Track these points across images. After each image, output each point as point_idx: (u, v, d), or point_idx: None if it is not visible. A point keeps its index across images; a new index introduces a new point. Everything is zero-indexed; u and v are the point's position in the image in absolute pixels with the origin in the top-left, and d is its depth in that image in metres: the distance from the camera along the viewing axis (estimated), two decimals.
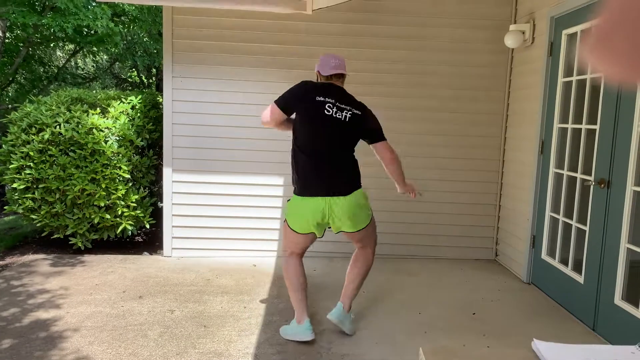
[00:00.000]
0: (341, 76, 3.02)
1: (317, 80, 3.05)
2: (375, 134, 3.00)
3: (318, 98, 2.84)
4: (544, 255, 4.04)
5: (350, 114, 2.87)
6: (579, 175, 3.58)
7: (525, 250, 4.28)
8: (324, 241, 4.80)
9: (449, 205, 4.83)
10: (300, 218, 2.98)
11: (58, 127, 4.57)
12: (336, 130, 2.85)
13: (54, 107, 4.70)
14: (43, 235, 4.85)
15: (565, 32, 3.76)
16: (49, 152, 4.55)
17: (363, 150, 3.14)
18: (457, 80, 4.70)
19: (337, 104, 2.86)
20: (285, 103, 2.90)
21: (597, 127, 3.34)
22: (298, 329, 3.04)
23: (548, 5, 3.96)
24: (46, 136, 4.50)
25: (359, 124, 2.90)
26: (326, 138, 2.87)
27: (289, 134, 3.11)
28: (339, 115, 2.83)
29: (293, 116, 3.01)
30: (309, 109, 2.84)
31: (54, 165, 4.55)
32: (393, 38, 4.63)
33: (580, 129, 3.58)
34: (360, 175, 3.02)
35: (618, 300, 3.09)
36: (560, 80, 3.82)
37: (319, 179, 2.90)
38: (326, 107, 2.83)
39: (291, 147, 3.04)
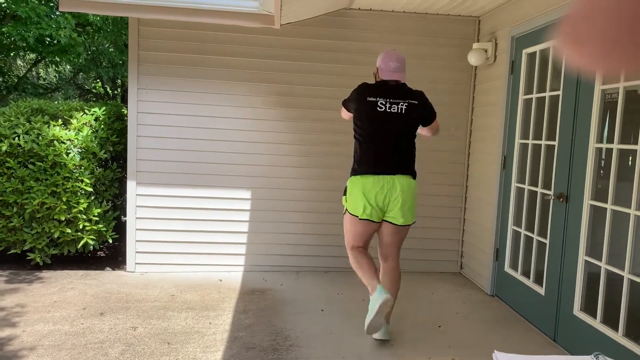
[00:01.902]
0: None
1: (376, 74, 3.28)
2: (429, 118, 3.26)
3: (369, 98, 3.08)
4: (507, 268, 4.12)
5: (406, 105, 3.09)
6: (539, 190, 3.69)
7: (489, 263, 4.37)
8: (290, 255, 4.80)
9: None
10: (361, 197, 3.05)
11: (17, 138, 4.43)
12: (391, 122, 3.07)
13: (12, 118, 4.56)
14: None
15: (525, 51, 3.90)
16: (7, 164, 4.40)
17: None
18: None
19: (390, 99, 3.08)
20: (346, 106, 3.27)
21: (555, 143, 3.45)
22: (374, 298, 2.94)
23: (509, 25, 4.10)
24: (4, 148, 4.36)
25: (416, 113, 3.12)
26: (383, 131, 3.07)
27: (258, 149, 3.19)
28: (393, 109, 3.06)
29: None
30: (361, 109, 3.10)
31: (12, 178, 4.40)
32: (359, 53, 4.70)
33: (540, 144, 3.69)
34: (414, 165, 3.20)
35: (577, 311, 3.17)
36: (521, 97, 3.94)
37: (381, 163, 3.07)
38: (378, 104, 3.06)
39: (353, 135, 3.25)
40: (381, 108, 3.04)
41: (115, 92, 13.46)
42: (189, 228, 4.69)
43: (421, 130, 3.35)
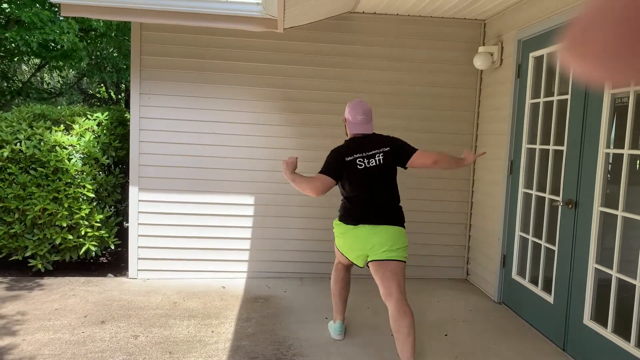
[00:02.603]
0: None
1: (344, 124, 3.27)
2: (406, 155, 3.12)
3: (347, 159, 3.06)
4: (514, 275, 4.05)
5: (381, 154, 3.08)
6: (547, 196, 3.62)
7: (495, 269, 4.30)
8: (293, 261, 4.75)
9: (419, 224, 4.82)
10: (342, 243, 3.14)
11: (19, 144, 4.40)
12: (372, 176, 3.06)
13: (14, 124, 4.53)
14: (0, 257, 4.62)
15: (532, 54, 3.84)
16: (8, 170, 4.37)
17: None
18: (427, 101, 4.74)
19: (365, 153, 3.07)
20: (335, 173, 3.07)
21: (564, 148, 3.39)
22: (331, 327, 3.51)
23: (516, 28, 4.04)
24: (5, 153, 4.33)
25: (391, 158, 3.10)
26: (366, 186, 3.07)
27: (261, 154, 3.08)
28: (372, 162, 3.06)
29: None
30: (344, 171, 3.07)
31: (14, 184, 4.37)
32: (363, 58, 4.65)
33: (548, 149, 3.63)
34: (403, 216, 3.15)
35: (587, 320, 3.10)
36: (528, 101, 3.88)
37: (363, 213, 3.05)
38: (357, 163, 3.05)
39: (341, 194, 3.22)
40: (361, 165, 3.05)
41: (119, 97, 13.46)
42: (192, 234, 4.64)
43: (419, 166, 3.15)
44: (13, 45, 8.59)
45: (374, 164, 3.05)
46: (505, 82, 4.23)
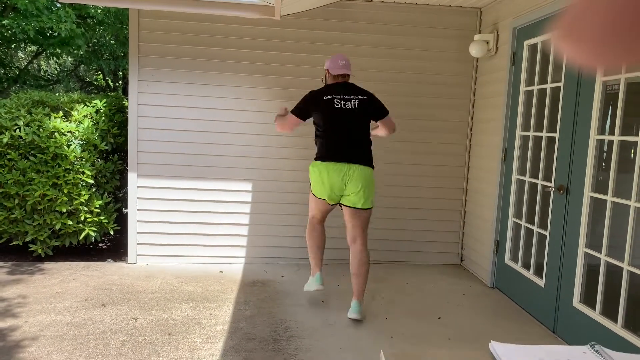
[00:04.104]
0: (346, 75, 3.54)
1: (325, 76, 3.59)
2: (381, 112, 3.53)
3: (325, 97, 3.38)
4: (507, 260, 4.13)
5: (357, 100, 3.40)
6: (539, 182, 3.68)
7: (489, 255, 4.37)
8: (291, 247, 4.82)
9: (414, 211, 4.89)
10: (320, 180, 3.39)
11: (18, 130, 4.44)
12: (347, 117, 3.37)
13: (13, 110, 4.56)
14: (1, 242, 4.68)
15: (527, 42, 3.88)
16: (8, 156, 4.41)
17: None
18: (423, 88, 4.78)
19: (343, 96, 3.39)
20: (301, 111, 3.47)
21: (556, 135, 3.45)
22: (310, 281, 3.69)
23: (511, 17, 4.07)
24: (5, 140, 4.36)
25: (366, 107, 3.42)
26: (341, 125, 3.37)
27: (259, 141, 3.24)
28: (348, 105, 3.37)
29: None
30: (321, 108, 3.38)
31: (13, 170, 4.41)
32: (360, 45, 4.68)
33: (541, 136, 3.68)
34: (372, 158, 3.47)
35: (576, 302, 3.18)
36: (522, 89, 3.93)
37: (338, 150, 3.36)
38: (334, 102, 3.37)
39: (314, 133, 3.53)
40: (337, 105, 3.35)
41: (117, 84, 13.45)
42: (190, 220, 4.70)
43: (378, 130, 3.62)
44: (10, 32, 8.58)
45: (349, 106, 3.36)
46: (500, 70, 4.27)
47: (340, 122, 3.37)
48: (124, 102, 5.34)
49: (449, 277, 4.60)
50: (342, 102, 3.36)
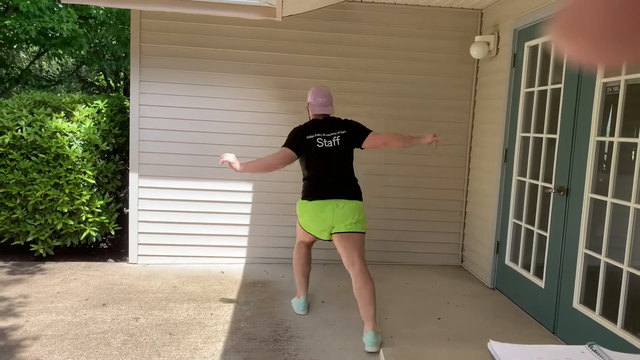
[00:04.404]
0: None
1: (307, 108, 3.56)
2: (361, 137, 3.39)
3: (308, 137, 3.36)
4: (507, 261, 4.13)
5: (338, 137, 3.37)
6: (540, 183, 3.69)
7: (489, 256, 4.38)
8: (291, 247, 4.82)
9: (415, 211, 4.90)
10: (307, 220, 3.36)
11: (20, 130, 4.45)
12: (330, 155, 3.35)
13: (15, 110, 4.57)
14: (2, 242, 4.70)
15: (527, 44, 3.89)
16: (10, 156, 4.42)
17: None
18: (423, 89, 4.79)
19: (324, 134, 3.37)
20: (294, 146, 3.39)
21: (557, 136, 3.45)
22: (295, 303, 3.68)
23: (511, 18, 4.08)
24: (7, 140, 4.38)
25: (347, 140, 3.38)
26: (325, 164, 3.36)
27: (259, 142, 3.23)
28: (329, 143, 3.35)
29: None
30: (305, 147, 3.37)
31: (15, 170, 4.42)
32: (361, 46, 4.69)
33: (542, 137, 3.69)
34: (360, 191, 3.41)
35: (576, 304, 3.19)
36: (523, 90, 3.94)
37: (322, 189, 3.33)
38: (317, 142, 3.35)
39: (302, 175, 3.49)
40: (320, 144, 3.34)
41: (118, 85, 13.47)
42: (191, 220, 4.71)
43: (372, 147, 3.38)
44: (12, 32, 8.60)
45: (331, 145, 3.35)
46: (501, 71, 4.28)
47: (325, 161, 3.35)
48: (125, 103, 5.36)
49: (449, 278, 4.61)
50: (325, 141, 3.35)
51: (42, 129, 4.49)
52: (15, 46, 9.87)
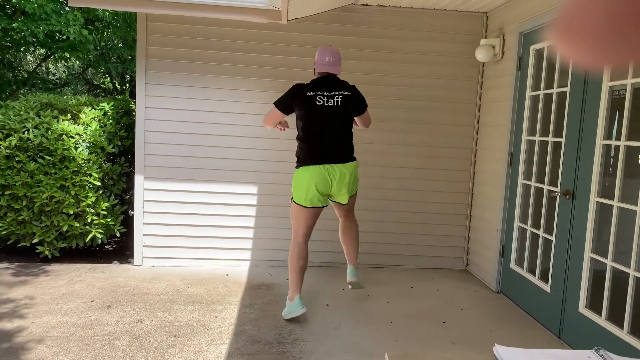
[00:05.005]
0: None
1: (314, 69, 3.51)
2: (360, 107, 3.51)
3: (308, 93, 3.32)
4: (512, 265, 4.12)
5: (340, 97, 3.35)
6: (545, 187, 3.68)
7: (494, 259, 4.36)
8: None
9: (420, 215, 4.89)
10: (306, 187, 3.36)
11: (26, 132, 4.48)
12: (330, 114, 3.33)
13: (22, 112, 4.60)
14: (8, 243, 4.72)
15: (533, 47, 3.88)
16: (17, 158, 4.45)
17: None
18: (429, 92, 4.79)
19: (326, 92, 3.33)
20: (284, 105, 3.40)
21: (562, 139, 3.44)
22: (291, 307, 3.45)
23: (517, 22, 4.08)
24: (14, 142, 4.41)
25: (349, 103, 3.38)
26: (323, 123, 3.34)
27: (264, 144, 3.59)
28: (330, 102, 3.32)
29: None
30: (303, 104, 3.33)
31: (22, 172, 4.45)
32: (366, 49, 4.70)
33: (547, 141, 3.68)
34: (354, 149, 3.49)
35: (582, 308, 3.17)
36: (529, 93, 3.93)
37: (321, 153, 3.36)
38: (317, 99, 3.31)
39: (296, 135, 3.50)
40: (319, 102, 3.30)
41: (124, 87, 13.53)
42: (196, 222, 4.72)
43: (360, 119, 3.61)
44: (19, 35, 8.66)
45: (332, 104, 3.32)
46: (506, 74, 4.27)
47: (323, 121, 3.35)
48: (131, 105, 5.38)
49: (454, 282, 4.59)
50: (325, 99, 3.32)
51: (49, 131, 4.52)
52: (22, 49, 9.93)
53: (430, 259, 4.96)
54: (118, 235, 4.89)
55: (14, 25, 7.73)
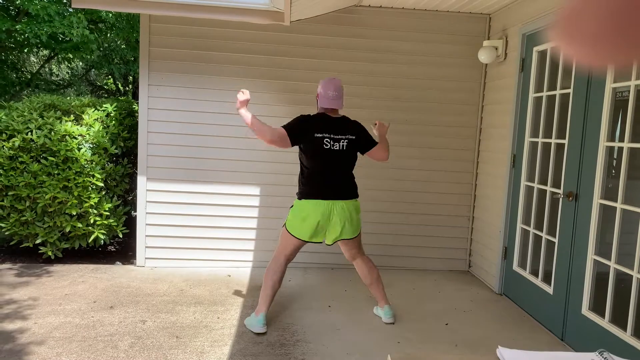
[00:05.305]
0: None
1: (316, 98, 3.48)
2: (367, 146, 3.47)
3: (317, 135, 3.30)
4: (515, 267, 4.11)
5: (346, 141, 3.35)
6: (548, 188, 3.67)
7: (497, 261, 4.35)
8: (299, 252, 4.81)
9: (422, 216, 4.89)
10: (304, 219, 3.31)
11: (30, 133, 4.49)
12: (335, 158, 3.35)
13: (25, 113, 4.62)
14: (12, 244, 4.73)
15: (536, 48, 3.87)
16: (20, 159, 4.46)
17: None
18: (432, 94, 4.78)
19: (333, 136, 3.32)
20: (294, 135, 3.32)
21: (565, 141, 3.43)
22: (254, 320, 3.35)
23: (520, 23, 4.07)
24: (17, 143, 4.42)
25: (354, 146, 3.40)
26: (328, 164, 3.35)
27: (267, 146, 3.55)
28: (336, 146, 3.33)
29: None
30: (312, 145, 3.32)
31: (25, 173, 4.46)
32: (369, 51, 4.70)
33: (550, 143, 3.67)
34: (357, 188, 3.47)
35: (585, 310, 3.16)
36: (531, 95, 3.92)
37: (323, 188, 3.35)
38: (324, 142, 3.31)
39: (300, 166, 3.49)
40: (327, 145, 3.31)
41: (127, 89, 13.56)
42: (199, 224, 4.72)
43: (373, 157, 3.53)
44: (23, 37, 8.68)
45: (338, 148, 3.34)
46: (509, 76, 4.27)
47: (329, 163, 3.34)
48: (134, 106, 5.39)
49: (457, 283, 4.58)
50: (332, 143, 3.32)
51: (52, 132, 4.53)
52: (26, 50, 9.96)
53: (432, 260, 4.96)
54: (121, 236, 4.89)
55: (17, 26, 7.75)
